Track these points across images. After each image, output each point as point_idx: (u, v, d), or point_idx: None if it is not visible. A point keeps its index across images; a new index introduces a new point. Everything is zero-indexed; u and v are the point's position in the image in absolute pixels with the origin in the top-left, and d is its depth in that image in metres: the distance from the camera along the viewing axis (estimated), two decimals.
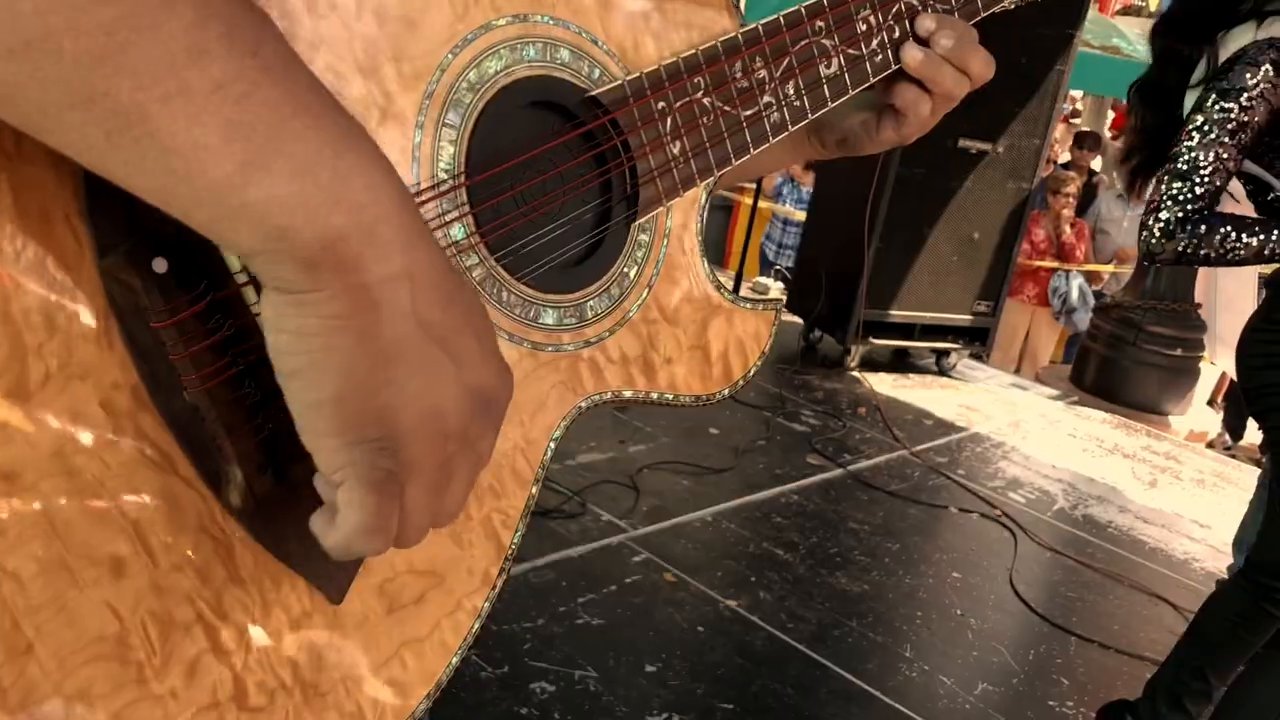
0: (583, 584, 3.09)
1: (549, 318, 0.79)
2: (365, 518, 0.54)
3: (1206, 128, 2.05)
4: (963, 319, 5.63)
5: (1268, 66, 2.02)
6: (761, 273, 8.38)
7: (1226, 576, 3.57)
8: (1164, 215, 2.05)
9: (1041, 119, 5.40)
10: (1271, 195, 2.12)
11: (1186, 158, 2.06)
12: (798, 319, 5.87)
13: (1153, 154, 2.27)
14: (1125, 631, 3.45)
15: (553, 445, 0.81)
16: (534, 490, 0.81)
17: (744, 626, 3.06)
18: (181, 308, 0.58)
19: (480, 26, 0.72)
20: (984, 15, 0.99)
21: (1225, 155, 2.04)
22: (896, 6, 0.93)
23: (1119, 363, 6.12)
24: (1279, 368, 2.22)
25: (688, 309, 0.87)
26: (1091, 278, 8.15)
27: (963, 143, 5.21)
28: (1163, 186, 2.08)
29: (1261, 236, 2.01)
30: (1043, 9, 5.10)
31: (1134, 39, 10.46)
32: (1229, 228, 2.02)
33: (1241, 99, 2.03)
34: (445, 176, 0.71)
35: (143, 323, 0.57)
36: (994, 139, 5.30)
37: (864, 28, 0.91)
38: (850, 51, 0.91)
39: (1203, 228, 2.02)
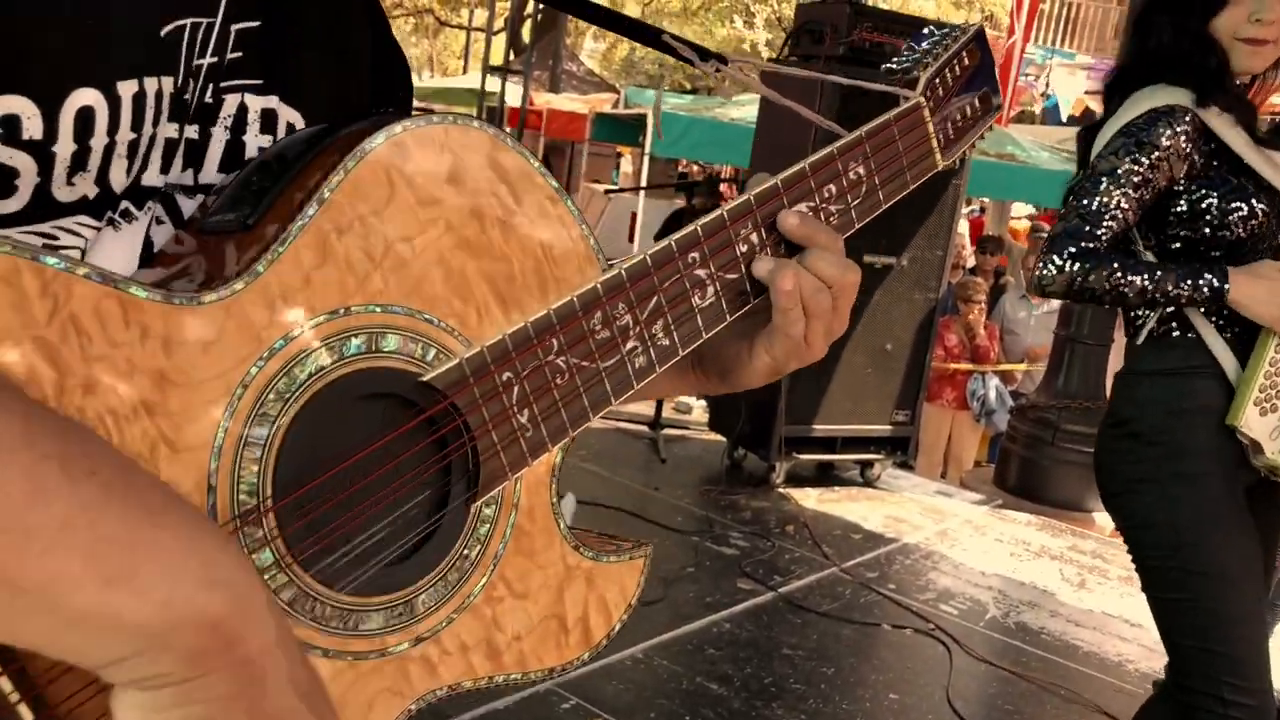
0: None
1: (374, 622, 0.74)
2: None
3: (1118, 174, 2.11)
4: (883, 429, 5.67)
5: (1184, 132, 2.09)
6: None
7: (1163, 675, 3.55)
8: (1059, 248, 2.11)
9: (942, 230, 5.55)
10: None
11: (1091, 203, 2.11)
12: (721, 438, 5.88)
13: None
14: None
15: None
16: None
17: None
18: None
19: (291, 330, 0.68)
20: (864, 222, 0.96)
21: (1126, 206, 2.11)
22: (784, 211, 0.89)
23: (1039, 463, 6.20)
24: (1136, 490, 2.22)
25: (540, 578, 0.82)
26: (1006, 378, 8.32)
27: (868, 258, 5.31)
28: (1062, 223, 2.14)
29: (1145, 277, 2.06)
30: None
31: (1027, 145, 10.91)
32: (1117, 266, 2.07)
33: (1153, 155, 2.09)
34: (248, 500, 0.67)
35: None
36: (898, 253, 5.42)
37: (744, 248, 0.87)
38: (728, 276, 0.87)
39: (1090, 264, 2.08)
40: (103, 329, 0.60)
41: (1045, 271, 2.11)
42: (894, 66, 1.07)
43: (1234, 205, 2.11)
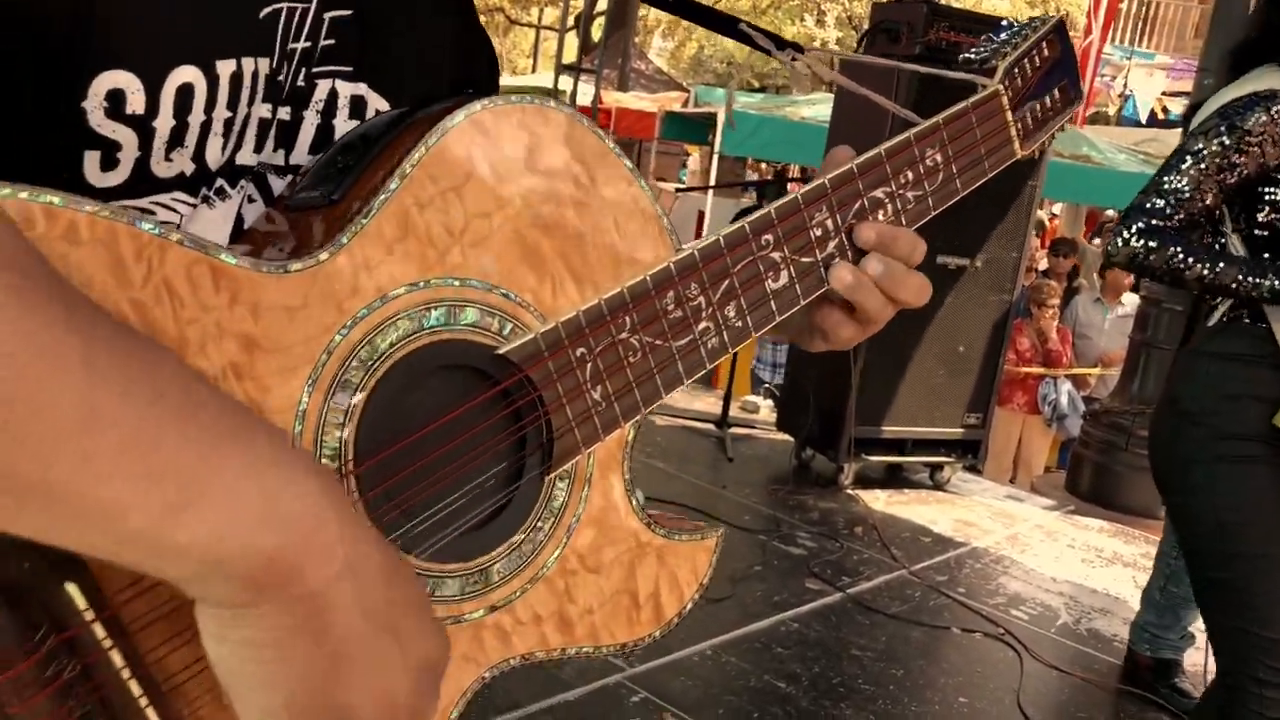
0: None
1: (450, 589, 0.76)
2: None
3: (1202, 154, 2.10)
4: (954, 432, 5.62)
5: (1277, 115, 2.06)
6: (753, 391, 8.39)
7: None
8: (1130, 222, 2.12)
9: (1018, 231, 5.48)
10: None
11: (1171, 180, 2.12)
12: (788, 437, 5.86)
13: None
14: None
15: None
16: None
17: None
18: (18, 659, 0.55)
19: (374, 300, 0.69)
20: (940, 209, 0.96)
21: (1206, 188, 2.10)
22: (858, 204, 0.89)
23: (1112, 469, 6.10)
24: (1182, 469, 2.21)
25: (612, 553, 0.83)
26: (1079, 383, 8.19)
27: (941, 259, 5.26)
28: (1142, 196, 2.13)
29: (1207, 266, 2.04)
30: None
31: (1103, 147, 10.71)
32: (1182, 251, 2.07)
33: (1243, 140, 2.07)
34: (330, 465, 0.68)
35: None
36: (972, 254, 5.36)
37: (819, 233, 0.87)
38: (803, 260, 0.86)
39: (1157, 243, 2.07)
40: (194, 293, 0.62)
41: (1114, 243, 2.14)
42: (972, 56, 1.06)
43: None
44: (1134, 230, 2.10)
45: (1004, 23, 1.12)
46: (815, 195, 0.87)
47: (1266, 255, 2.11)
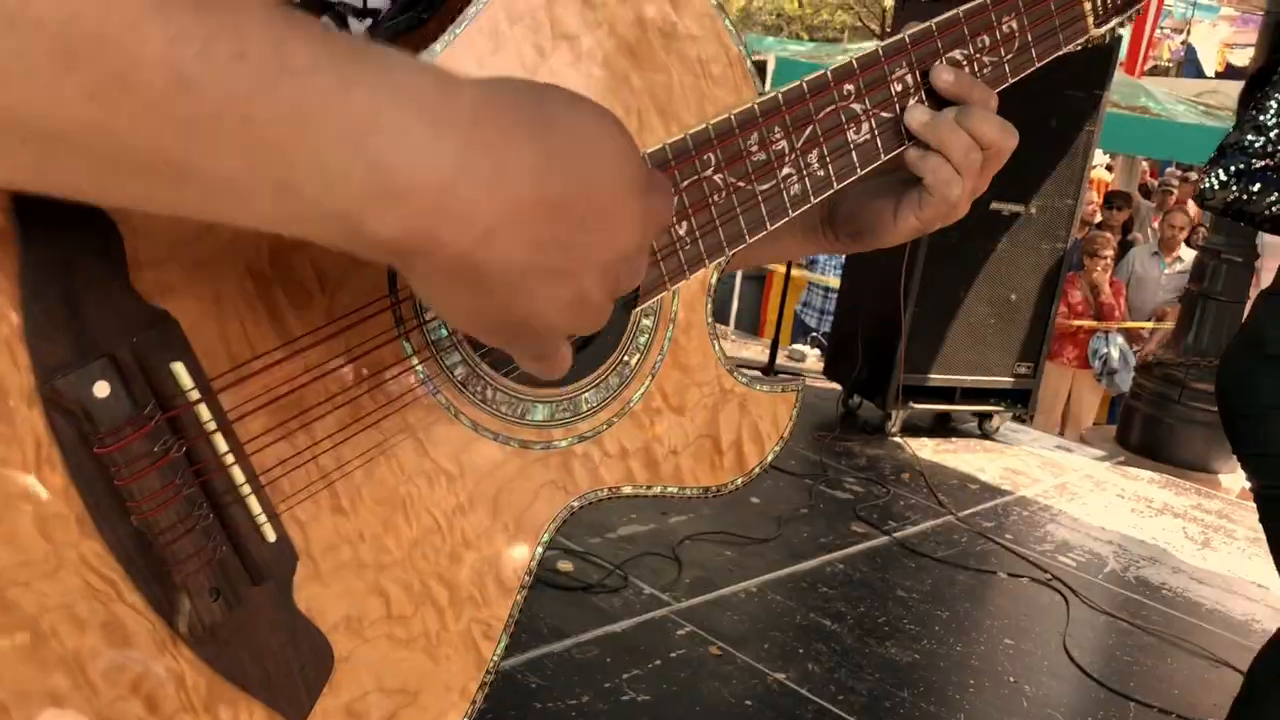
0: (627, 659, 3.05)
1: (539, 413, 0.77)
2: (542, 367, 0.60)
3: None
4: (1004, 381, 5.58)
5: None
6: (796, 337, 8.38)
7: None
8: (1227, 163, 2.02)
9: (1073, 179, 5.40)
10: None
11: (1269, 117, 2.02)
12: (836, 385, 5.85)
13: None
14: (1186, 695, 3.35)
15: (540, 550, 0.78)
16: (519, 598, 0.78)
17: (793, 700, 3.00)
18: (126, 432, 0.57)
19: None
20: (1017, 78, 0.94)
21: None
22: (937, 64, 0.88)
23: (1164, 421, 6.04)
24: (1266, 416, 2.11)
25: (696, 395, 0.84)
26: (1132, 338, 8.08)
27: (995, 205, 5.20)
28: (1237, 135, 2.04)
29: None
30: (1072, 73, 5.13)
31: (1162, 99, 10.49)
32: None
33: None
34: None
35: (86, 449, 0.56)
36: (1026, 200, 5.29)
37: (899, 88, 0.86)
38: (883, 114, 0.86)
39: (1258, 185, 1.99)
40: None
41: (1208, 184, 2.04)
42: None
43: None
44: (1231, 173, 2.01)
45: None
46: (895, 49, 0.87)
47: None
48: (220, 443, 0.60)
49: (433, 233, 0.50)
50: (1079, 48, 1.01)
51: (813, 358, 6.99)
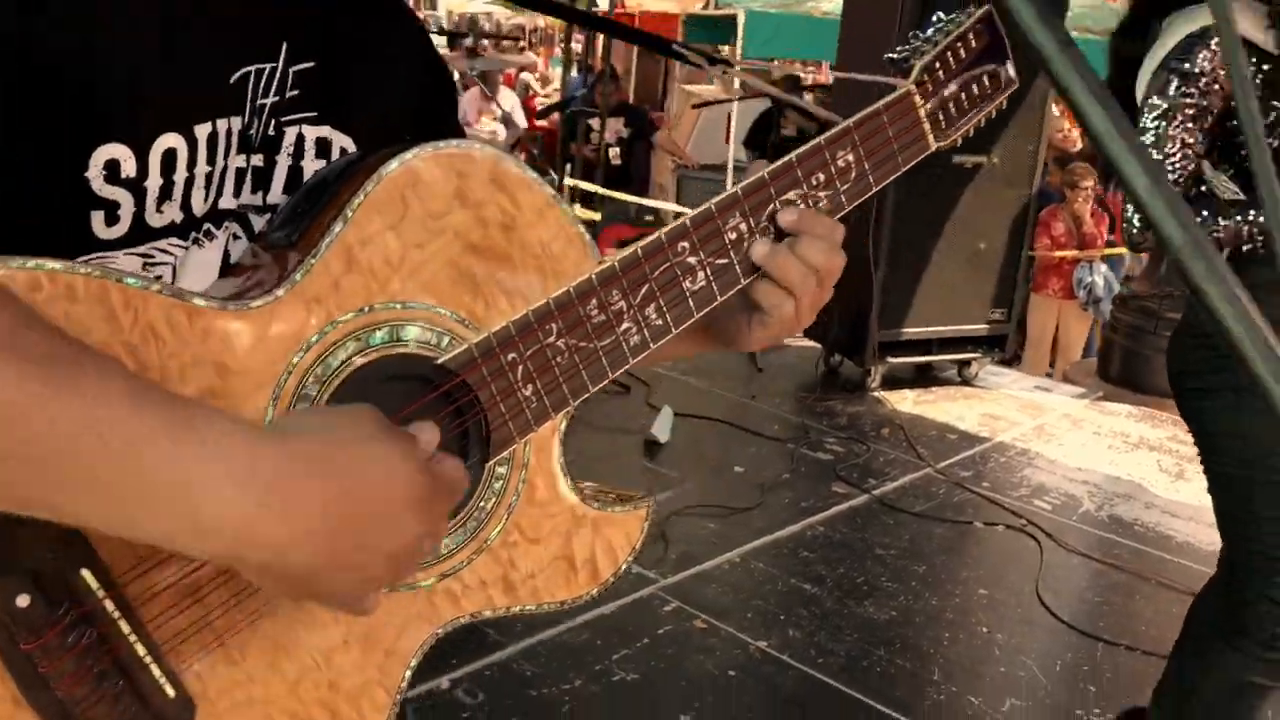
0: (616, 640, 3.22)
1: None
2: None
3: (1169, 111, 2.10)
4: (979, 328, 5.71)
5: (1218, 47, 2.04)
6: None
7: None
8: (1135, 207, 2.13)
9: (1033, 125, 5.49)
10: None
11: (1155, 153, 2.11)
12: (816, 344, 5.98)
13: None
14: (1152, 630, 3.50)
15: (409, 673, 0.91)
16: (392, 713, 0.90)
17: (775, 667, 3.18)
18: (45, 632, 0.72)
19: (325, 326, 0.82)
20: (855, 204, 1.04)
21: (1190, 140, 2.10)
22: (770, 208, 0.98)
23: (1141, 353, 6.16)
24: (1209, 396, 2.23)
25: (550, 525, 0.95)
26: (1122, 263, 8.15)
27: (957, 158, 5.31)
28: None
29: (1238, 219, 2.07)
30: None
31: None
32: (1206, 213, 2.08)
33: (1201, 83, 2.08)
34: None
35: (14, 644, 0.72)
36: (987, 151, 5.39)
37: (733, 236, 0.96)
38: (718, 262, 0.96)
39: None
40: (174, 332, 0.76)
41: (1134, 232, 2.15)
42: (894, 56, 1.12)
43: None
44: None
45: (935, 16, 1.16)
46: (728, 203, 0.97)
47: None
48: (124, 626, 0.75)
49: (238, 554, 0.68)
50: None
51: None
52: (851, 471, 4.61)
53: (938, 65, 1.11)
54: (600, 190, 9.09)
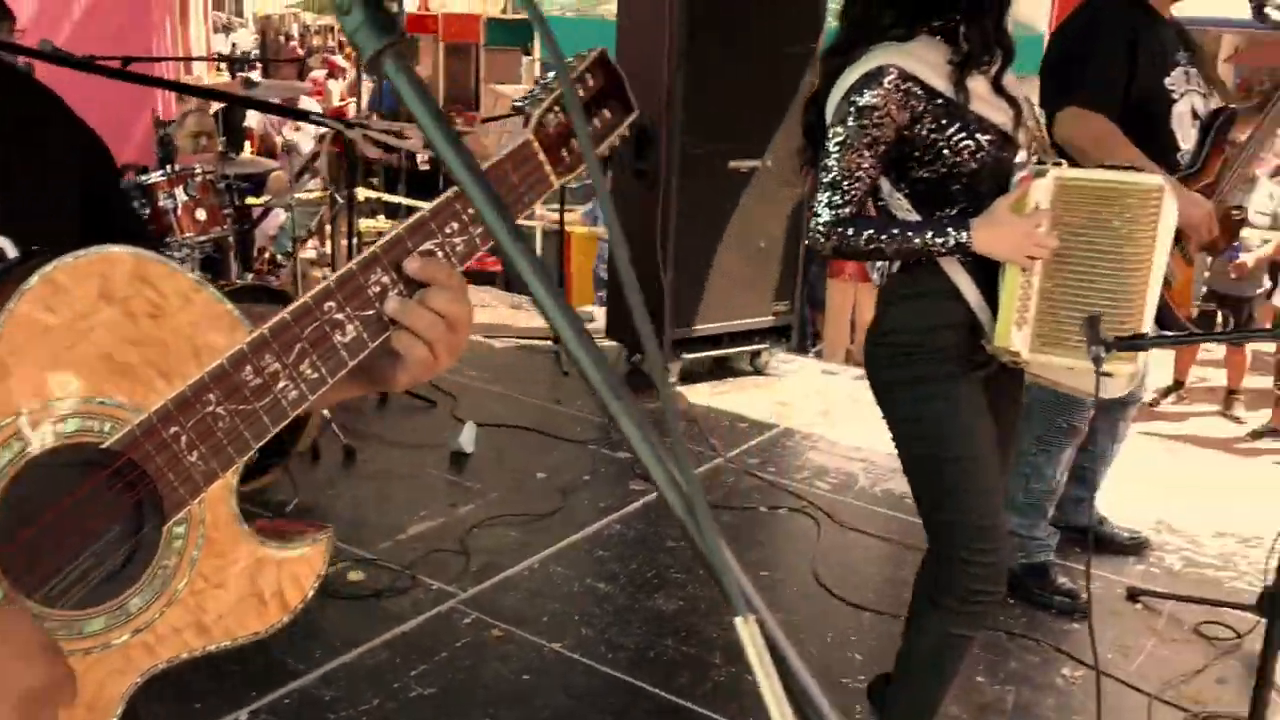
0: (414, 657, 3.35)
1: (96, 625, 1.01)
2: None
3: (848, 141, 2.38)
4: (765, 320, 6.04)
5: (893, 85, 2.36)
6: (597, 293, 8.74)
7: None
8: (820, 217, 2.42)
9: (798, 130, 5.81)
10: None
11: (834, 170, 2.40)
12: (617, 343, 6.20)
13: (813, 151, 2.59)
14: None
15: (116, 718, 1.04)
16: None
17: (567, 666, 3.37)
18: None
19: None
20: (486, 247, 1.15)
21: (866, 165, 2.39)
22: (408, 258, 1.07)
23: None
24: (897, 390, 2.58)
25: (234, 570, 1.08)
26: None
27: (732, 164, 5.61)
28: (818, 194, 2.45)
29: (897, 236, 2.37)
30: (787, 30, 5.52)
31: None
32: (871, 230, 2.38)
33: (874, 115, 2.37)
34: None
35: None
36: (759, 155, 5.71)
37: (377, 289, 1.07)
38: (365, 313, 1.07)
39: (850, 229, 2.38)
40: None
41: (814, 239, 2.43)
42: (521, 104, 1.25)
43: (960, 142, 2.42)
44: (825, 226, 2.40)
45: (556, 66, 1.35)
46: (368, 261, 1.08)
47: (937, 212, 2.46)
48: None
49: None
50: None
51: (601, 317, 7.33)
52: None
53: (556, 109, 1.24)
54: (404, 200, 9.12)
